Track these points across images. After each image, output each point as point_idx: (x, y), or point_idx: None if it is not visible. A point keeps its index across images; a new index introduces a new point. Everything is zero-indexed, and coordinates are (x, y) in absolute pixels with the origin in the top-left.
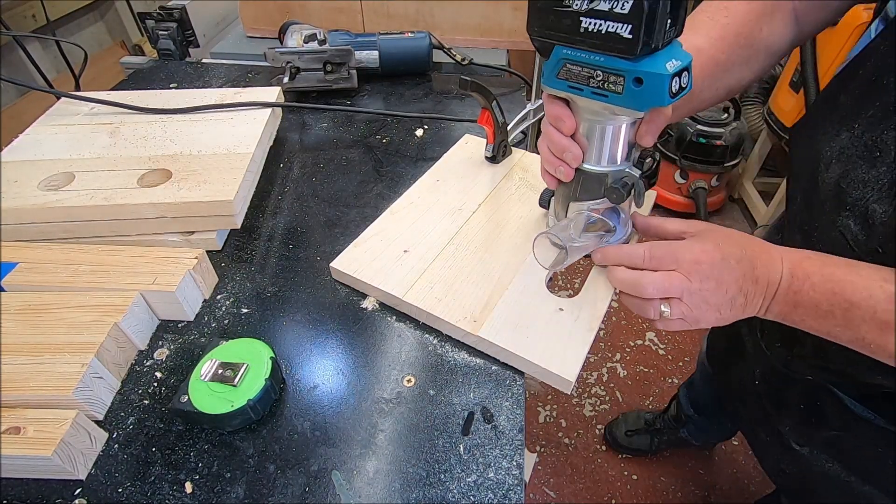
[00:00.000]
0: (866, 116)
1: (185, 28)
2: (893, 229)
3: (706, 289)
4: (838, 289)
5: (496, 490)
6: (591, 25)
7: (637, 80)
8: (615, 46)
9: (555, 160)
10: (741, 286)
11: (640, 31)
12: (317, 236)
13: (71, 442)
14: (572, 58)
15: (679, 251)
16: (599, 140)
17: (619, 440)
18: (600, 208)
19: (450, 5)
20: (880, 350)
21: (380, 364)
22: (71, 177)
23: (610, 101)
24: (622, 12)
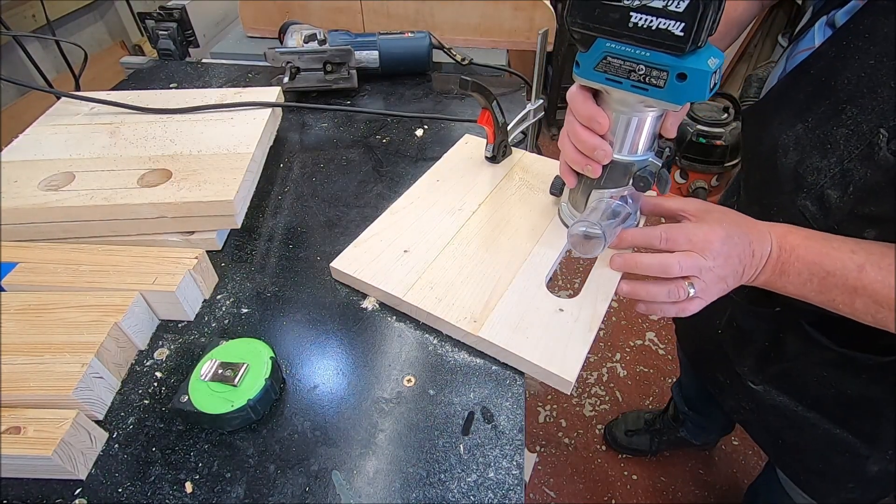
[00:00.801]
0: (818, 112)
1: (185, 28)
2: (847, 213)
3: (718, 265)
4: (818, 259)
5: (496, 490)
6: (641, 21)
7: (681, 76)
8: (664, 43)
9: (582, 159)
10: (741, 259)
11: (692, 30)
12: (317, 236)
13: (71, 442)
14: (615, 51)
15: (691, 232)
16: (625, 131)
17: (619, 440)
18: (618, 195)
19: (450, 5)
20: (847, 311)
21: (380, 364)
22: (71, 177)
23: (650, 94)
24: (677, 10)
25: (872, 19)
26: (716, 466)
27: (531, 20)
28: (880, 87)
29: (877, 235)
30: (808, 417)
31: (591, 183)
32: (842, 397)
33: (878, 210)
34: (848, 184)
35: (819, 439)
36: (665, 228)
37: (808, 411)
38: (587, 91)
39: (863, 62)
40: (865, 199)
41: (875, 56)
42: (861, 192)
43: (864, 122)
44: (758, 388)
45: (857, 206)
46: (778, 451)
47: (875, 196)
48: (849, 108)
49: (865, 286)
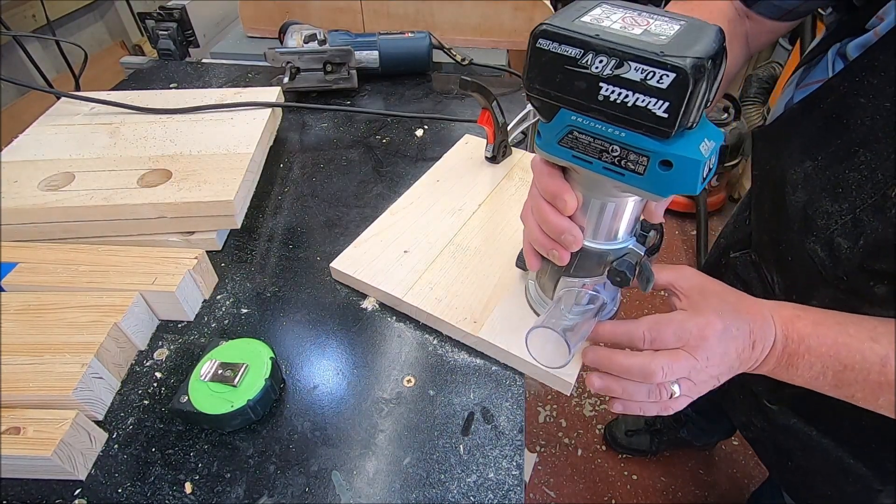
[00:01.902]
0: (828, 151)
1: (185, 28)
2: (856, 266)
3: (711, 364)
4: (832, 352)
5: (496, 490)
6: (614, 95)
7: (665, 164)
8: (644, 123)
9: (548, 242)
10: (740, 354)
11: (679, 110)
12: (317, 236)
13: (71, 442)
14: (583, 127)
15: (682, 328)
16: (600, 215)
17: (619, 440)
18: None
19: (450, 5)
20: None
21: (380, 364)
22: (71, 177)
23: (626, 180)
24: (659, 86)
25: (888, 56)
26: (716, 466)
27: (531, 20)
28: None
29: (887, 292)
30: (821, 443)
31: (560, 269)
32: (857, 427)
33: (889, 267)
34: (859, 235)
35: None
36: (650, 325)
37: (823, 437)
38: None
39: (878, 103)
40: (876, 254)
41: (891, 98)
42: (872, 246)
43: (878, 170)
44: (773, 407)
45: (866, 259)
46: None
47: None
48: (863, 151)
49: (891, 382)
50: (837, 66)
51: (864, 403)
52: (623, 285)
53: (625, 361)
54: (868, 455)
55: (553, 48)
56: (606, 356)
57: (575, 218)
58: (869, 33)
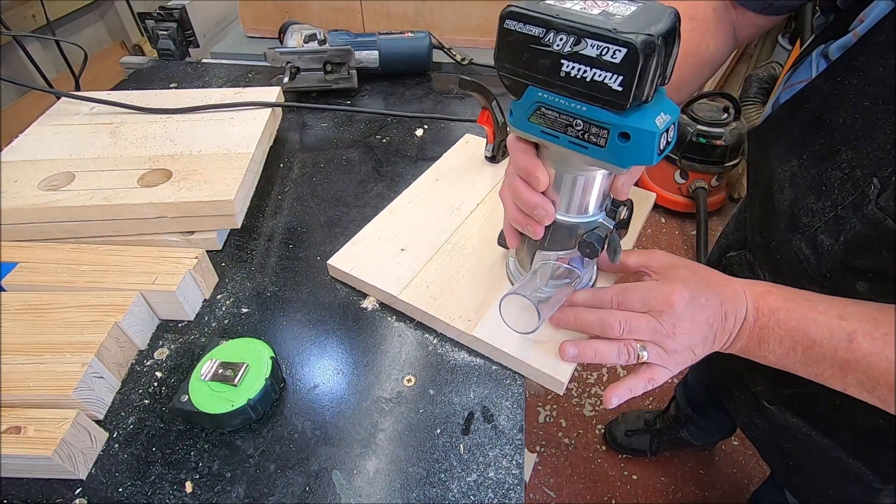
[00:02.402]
0: (812, 150)
1: (185, 28)
2: (838, 262)
3: (680, 332)
4: (802, 325)
5: (496, 490)
6: (574, 70)
7: (623, 136)
8: (601, 97)
9: (523, 217)
10: (712, 324)
11: (632, 84)
12: (317, 236)
13: (71, 441)
14: (548, 103)
15: (648, 293)
16: (571, 189)
17: (618, 440)
18: (568, 257)
19: (450, 5)
20: (838, 386)
21: (380, 364)
22: (71, 177)
23: (590, 153)
24: (612, 61)
25: (866, 57)
26: (716, 466)
27: None
28: (875, 132)
29: (869, 289)
30: (821, 443)
31: (535, 243)
32: (857, 428)
33: (869, 264)
34: (840, 232)
35: (831, 466)
36: (618, 289)
37: (822, 437)
38: (527, 142)
39: (858, 103)
40: (855, 251)
41: (870, 97)
42: (851, 244)
43: (858, 167)
44: (772, 407)
45: (847, 256)
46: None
47: (864, 249)
48: (844, 150)
49: (858, 360)
50: (821, 66)
51: (833, 382)
52: (592, 256)
53: (587, 316)
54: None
55: (519, 28)
56: (572, 313)
57: (547, 193)
58: (849, 35)
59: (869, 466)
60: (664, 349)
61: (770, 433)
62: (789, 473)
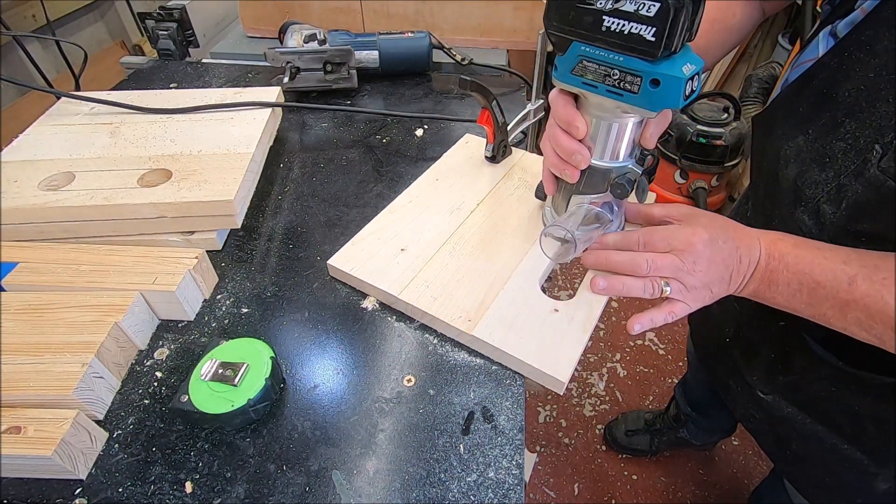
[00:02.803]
0: (818, 124)
1: (185, 28)
2: (840, 229)
3: (699, 269)
4: (808, 269)
5: (496, 490)
6: (614, 25)
7: (654, 82)
8: (636, 47)
9: (561, 163)
10: (728, 265)
11: (663, 35)
12: (317, 236)
13: (71, 441)
14: (590, 55)
15: (671, 235)
16: (605, 136)
17: (619, 440)
18: (600, 201)
19: (450, 5)
20: (838, 325)
21: (380, 364)
22: (71, 177)
23: (625, 100)
24: (647, 14)
25: (873, 31)
26: (716, 466)
27: (531, 20)
28: (879, 102)
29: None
30: (816, 430)
31: (571, 188)
32: (850, 414)
33: (870, 227)
34: (842, 199)
35: (828, 453)
36: (645, 231)
37: (817, 425)
38: (568, 95)
39: (863, 75)
40: (857, 216)
41: (875, 69)
42: (853, 209)
43: (861, 137)
44: (767, 397)
45: (849, 222)
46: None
47: (866, 213)
48: (848, 121)
49: (857, 300)
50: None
51: (835, 322)
52: (622, 197)
53: (616, 257)
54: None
55: None
56: (603, 255)
57: (584, 141)
58: (857, 11)
59: (864, 451)
60: (684, 285)
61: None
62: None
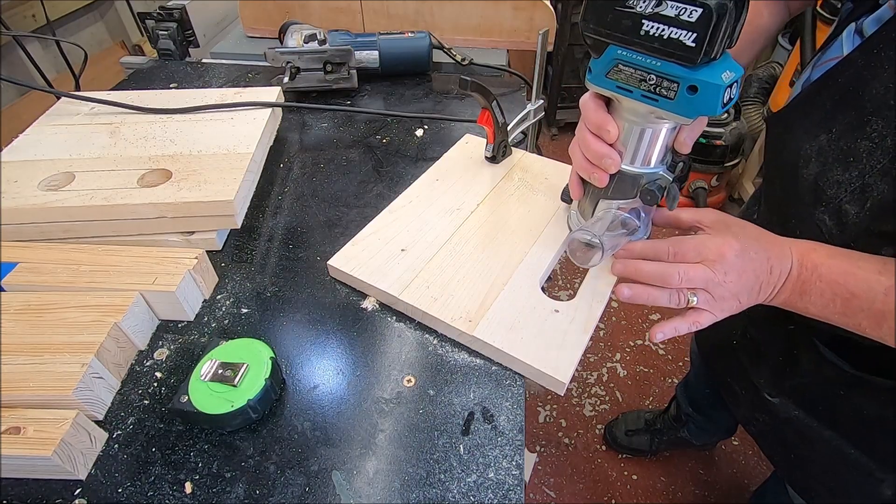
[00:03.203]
0: (843, 122)
1: (185, 28)
2: (863, 230)
3: (729, 280)
4: (842, 280)
5: (496, 490)
6: (654, 29)
7: (692, 88)
8: (676, 52)
9: (590, 167)
10: (758, 276)
11: (704, 41)
12: (317, 236)
13: (71, 442)
14: (626, 59)
15: (702, 245)
16: (637, 142)
17: (619, 440)
18: (628, 207)
19: (450, 5)
20: (874, 335)
21: (380, 364)
22: (71, 177)
23: (660, 105)
24: (689, 20)
25: None
26: (716, 466)
27: (531, 20)
28: None
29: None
30: (823, 434)
31: (599, 192)
32: (858, 418)
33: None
34: (866, 199)
35: (833, 457)
36: (675, 241)
37: (824, 428)
38: (600, 99)
39: (892, 72)
40: (882, 216)
41: None
42: (878, 209)
43: (888, 136)
44: (774, 399)
45: (873, 222)
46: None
47: (892, 213)
48: (875, 119)
49: (893, 311)
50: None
51: (870, 332)
52: (652, 203)
53: (646, 268)
54: (869, 445)
55: None
56: (633, 265)
57: (615, 146)
58: (883, 7)
59: (870, 456)
60: (713, 295)
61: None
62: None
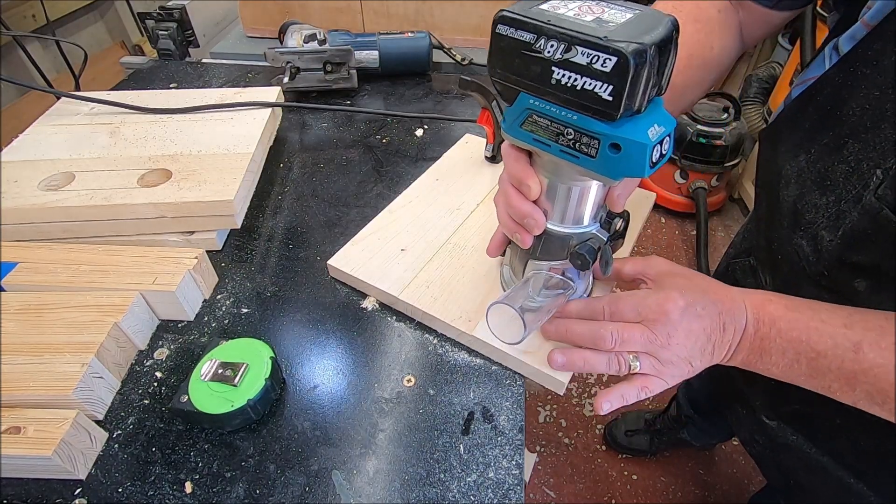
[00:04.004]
0: (821, 143)
1: (185, 28)
2: (836, 258)
3: (675, 342)
4: (804, 336)
5: (496, 490)
6: (565, 78)
7: (614, 147)
8: (591, 106)
9: (514, 225)
10: (709, 335)
11: (622, 94)
12: (317, 236)
13: (71, 442)
14: (540, 110)
15: (642, 302)
16: (565, 200)
17: (618, 440)
18: (560, 268)
19: (450, 5)
20: (847, 399)
21: (380, 364)
22: (71, 177)
23: (581, 163)
24: (603, 70)
25: (881, 45)
26: (716, 466)
27: None
28: (884, 122)
29: (868, 287)
30: (821, 461)
31: (527, 252)
32: (856, 447)
33: (866, 259)
34: (839, 227)
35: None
36: (611, 299)
37: (822, 455)
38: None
39: (868, 93)
40: (853, 245)
41: (881, 87)
42: (849, 238)
43: (864, 160)
44: (771, 423)
45: (844, 252)
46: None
47: (861, 243)
48: (851, 142)
49: (865, 371)
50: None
51: (842, 396)
52: (583, 269)
53: (577, 328)
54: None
55: (510, 33)
56: (563, 325)
57: (540, 202)
58: (857, 24)
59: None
60: (658, 360)
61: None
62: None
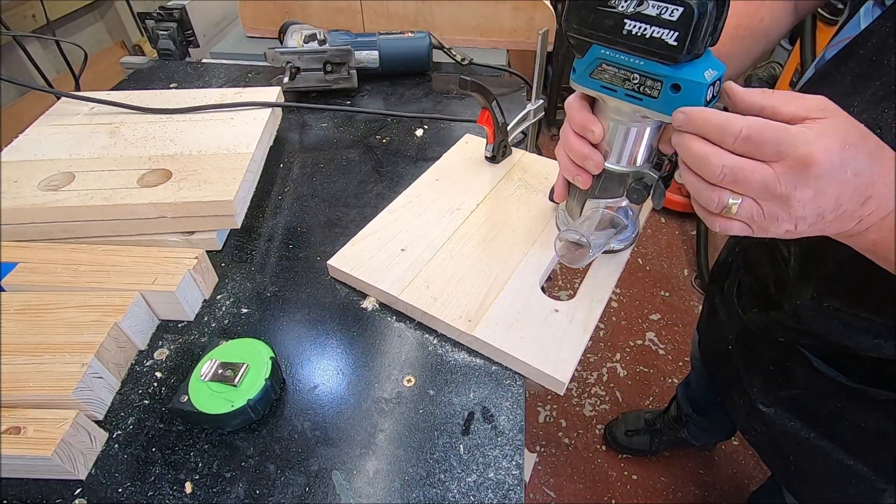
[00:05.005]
0: (866, 95)
1: (185, 28)
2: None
3: (798, 198)
4: None
5: (496, 490)
6: (635, 28)
7: (675, 87)
8: (658, 52)
9: (574, 168)
10: (840, 203)
11: (685, 39)
12: (317, 236)
13: (71, 442)
14: (609, 59)
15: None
16: (623, 141)
17: (618, 440)
18: (615, 206)
19: (450, 5)
20: None
21: (380, 364)
22: (71, 177)
23: (644, 104)
24: (670, 19)
25: None
26: (716, 466)
27: (531, 20)
28: None
29: None
30: (820, 446)
31: (586, 192)
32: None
33: None
34: None
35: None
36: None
37: (821, 439)
38: (584, 99)
39: None
40: None
41: None
42: None
43: None
44: (768, 410)
45: None
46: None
47: None
48: None
49: None
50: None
51: None
52: (639, 202)
53: (692, 144)
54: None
55: None
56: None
57: (601, 146)
58: None
59: (871, 467)
60: (762, 210)
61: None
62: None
